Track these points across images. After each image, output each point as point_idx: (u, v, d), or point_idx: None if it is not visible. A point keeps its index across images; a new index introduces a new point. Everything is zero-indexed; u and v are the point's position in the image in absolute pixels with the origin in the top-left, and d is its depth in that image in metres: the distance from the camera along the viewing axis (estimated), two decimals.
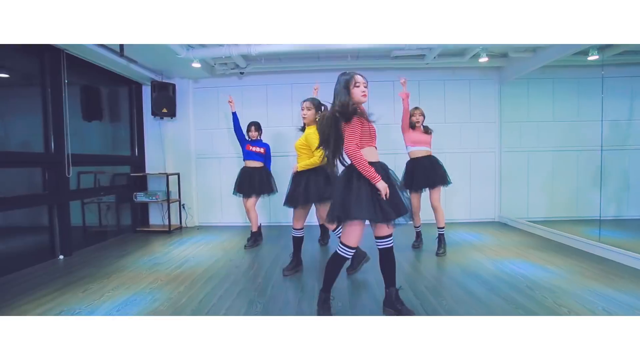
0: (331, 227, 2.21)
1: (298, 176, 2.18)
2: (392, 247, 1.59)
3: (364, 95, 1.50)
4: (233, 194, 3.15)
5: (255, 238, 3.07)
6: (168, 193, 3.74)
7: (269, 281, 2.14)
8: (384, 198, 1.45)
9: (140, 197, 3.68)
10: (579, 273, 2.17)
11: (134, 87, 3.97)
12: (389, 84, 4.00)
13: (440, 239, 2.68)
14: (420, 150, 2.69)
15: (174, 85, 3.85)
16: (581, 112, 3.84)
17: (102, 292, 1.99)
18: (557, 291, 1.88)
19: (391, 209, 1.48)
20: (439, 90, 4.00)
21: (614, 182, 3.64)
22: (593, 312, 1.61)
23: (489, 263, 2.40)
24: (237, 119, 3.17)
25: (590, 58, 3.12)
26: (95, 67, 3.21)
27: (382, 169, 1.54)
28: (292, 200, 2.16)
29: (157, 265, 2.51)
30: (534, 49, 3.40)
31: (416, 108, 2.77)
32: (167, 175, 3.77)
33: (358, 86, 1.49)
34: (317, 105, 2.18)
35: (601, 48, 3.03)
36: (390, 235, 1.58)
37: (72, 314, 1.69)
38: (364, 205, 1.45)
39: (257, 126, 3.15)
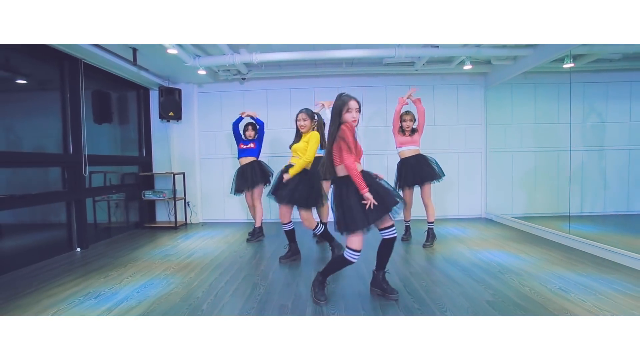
0: (311, 226, 2.40)
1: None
2: (395, 237, 1.74)
3: (354, 121, 1.67)
4: (232, 193, 3.30)
5: (256, 233, 3.24)
6: (174, 191, 3.99)
7: (270, 268, 2.39)
8: (370, 207, 1.62)
9: (148, 195, 3.92)
10: (547, 260, 2.43)
11: (142, 92, 4.21)
12: (381, 89, 4.26)
13: (429, 232, 2.92)
14: (409, 150, 2.91)
15: (179, 90, 4.10)
16: (561, 115, 4.11)
17: (121, 278, 2.24)
18: (523, 275, 2.14)
19: (383, 206, 1.65)
20: (428, 95, 4.26)
21: (592, 181, 3.91)
22: (551, 291, 1.87)
23: (469, 253, 2.66)
24: (240, 120, 3.41)
25: (565, 66, 3.39)
26: (107, 73, 3.44)
27: (367, 175, 1.73)
28: (278, 196, 2.39)
29: (168, 257, 2.76)
30: (514, 57, 3.67)
31: (407, 113, 2.93)
32: (174, 175, 4.02)
33: (349, 112, 1.68)
34: (311, 115, 2.48)
35: (575, 57, 3.30)
36: (392, 226, 1.72)
37: (98, 296, 1.94)
38: (357, 218, 1.62)
39: (253, 126, 3.34)
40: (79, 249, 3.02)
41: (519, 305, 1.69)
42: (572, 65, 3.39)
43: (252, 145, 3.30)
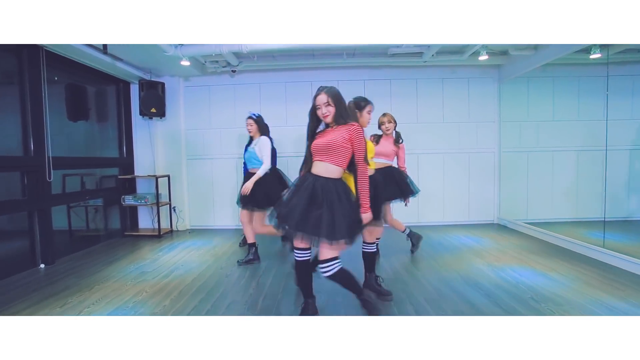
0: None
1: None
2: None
3: (325, 116, 1.55)
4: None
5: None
6: (157, 196, 3.60)
7: (261, 293, 2.03)
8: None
9: (128, 201, 3.54)
10: (582, 281, 2.09)
11: (122, 86, 3.81)
12: (385, 82, 3.88)
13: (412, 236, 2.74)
14: (380, 163, 2.45)
15: (163, 84, 3.69)
16: (582, 111, 3.76)
17: (81, 307, 1.86)
18: (561, 302, 1.79)
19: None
20: (437, 89, 3.89)
21: (618, 183, 3.58)
22: None
23: (489, 270, 2.31)
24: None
25: (593, 56, 3.02)
26: (81, 65, 3.05)
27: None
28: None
29: (144, 275, 2.39)
30: (535, 47, 3.30)
31: (384, 115, 2.55)
32: (157, 178, 3.63)
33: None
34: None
35: (603, 46, 2.93)
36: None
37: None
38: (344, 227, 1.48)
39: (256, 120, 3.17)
40: (42, 266, 2.64)
41: None
42: (599, 55, 3.04)
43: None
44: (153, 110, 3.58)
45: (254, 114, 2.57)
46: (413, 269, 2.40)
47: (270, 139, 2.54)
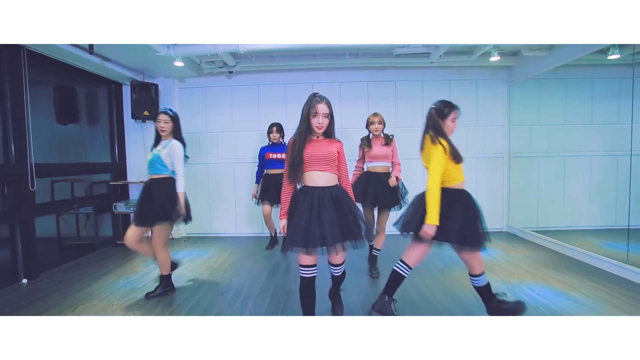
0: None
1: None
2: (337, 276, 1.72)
3: (319, 127, 1.54)
4: (257, 204, 3.08)
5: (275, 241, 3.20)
6: None
7: (257, 314, 1.86)
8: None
9: (120, 208, 3.37)
10: (607, 302, 1.92)
11: (114, 88, 3.63)
12: (390, 84, 3.71)
13: (374, 259, 2.46)
14: (380, 166, 2.38)
15: (156, 86, 3.52)
16: (596, 115, 3.59)
17: None
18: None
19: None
20: (443, 91, 3.72)
21: (635, 190, 3.41)
22: None
23: (504, 288, 2.14)
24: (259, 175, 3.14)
25: (611, 57, 2.85)
26: (69, 65, 2.87)
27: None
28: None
29: (133, 292, 2.22)
30: (550, 47, 3.13)
31: (375, 114, 2.42)
32: None
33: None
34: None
35: (622, 46, 2.76)
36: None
37: None
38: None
39: (279, 127, 3.06)
40: (25, 281, 2.47)
41: None
42: (618, 56, 2.87)
43: (283, 156, 2.81)
44: (146, 113, 3.40)
45: (170, 110, 2.11)
46: (421, 286, 2.22)
47: (184, 144, 2.12)
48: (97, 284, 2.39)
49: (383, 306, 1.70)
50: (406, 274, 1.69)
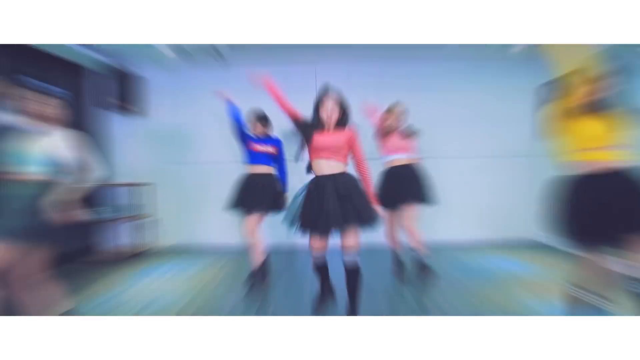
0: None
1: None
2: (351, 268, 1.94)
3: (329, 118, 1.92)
4: (229, 209, 2.57)
5: (257, 278, 2.48)
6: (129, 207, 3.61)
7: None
8: None
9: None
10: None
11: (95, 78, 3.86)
12: (407, 74, 3.93)
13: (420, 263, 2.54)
14: (399, 159, 2.56)
15: (141, 77, 3.76)
16: None
17: None
18: None
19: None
20: (470, 80, 3.88)
21: None
22: None
23: (544, 309, 2.23)
24: (236, 109, 2.64)
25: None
26: (41, 52, 3.07)
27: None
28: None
29: (114, 307, 2.33)
30: None
31: (395, 104, 2.61)
32: (129, 186, 3.64)
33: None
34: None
35: None
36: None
37: None
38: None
39: (263, 118, 2.64)
40: None
41: None
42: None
43: (272, 149, 2.57)
44: (129, 106, 3.63)
45: (62, 91, 1.87)
46: (444, 304, 2.28)
47: None
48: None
49: None
50: None
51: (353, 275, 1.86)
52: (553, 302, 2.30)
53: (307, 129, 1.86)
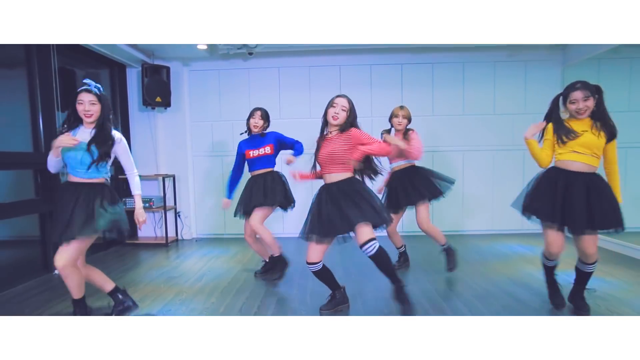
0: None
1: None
2: (373, 254, 2.33)
3: (334, 117, 2.40)
4: (236, 216, 3.27)
5: (271, 265, 3.23)
6: (165, 199, 4.46)
7: (306, 286, 2.85)
8: None
9: (129, 204, 4.39)
10: (638, 284, 2.88)
11: (117, 70, 4.69)
12: (426, 67, 4.72)
13: (448, 252, 3.23)
14: (403, 164, 3.18)
15: (168, 69, 4.57)
16: None
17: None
18: (610, 300, 2.59)
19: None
20: (487, 74, 4.72)
21: None
22: None
23: (540, 274, 3.08)
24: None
25: None
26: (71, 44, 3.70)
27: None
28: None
29: (173, 280, 3.23)
30: None
31: (401, 107, 3.17)
32: (163, 178, 4.49)
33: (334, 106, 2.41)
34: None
35: None
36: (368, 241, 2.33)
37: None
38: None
39: (263, 113, 3.23)
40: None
41: None
42: None
43: (267, 150, 3.15)
44: (158, 99, 4.45)
45: (97, 86, 2.27)
46: (458, 272, 3.22)
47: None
48: (130, 274, 3.42)
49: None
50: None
51: (377, 259, 2.31)
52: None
53: (318, 140, 2.50)
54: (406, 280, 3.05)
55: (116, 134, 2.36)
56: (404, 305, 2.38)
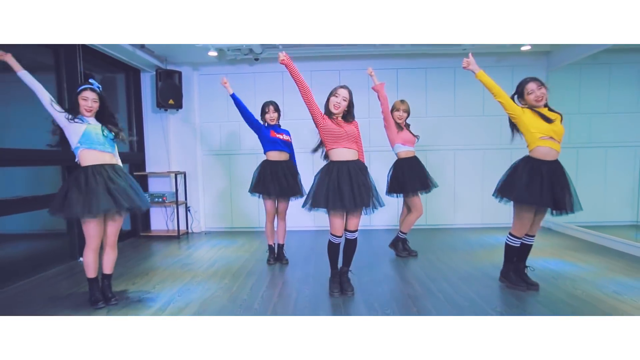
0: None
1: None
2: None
3: (335, 106, 2.66)
4: (251, 192, 3.61)
5: (278, 255, 3.65)
6: (177, 194, 4.79)
7: (308, 271, 3.17)
8: None
9: None
10: (607, 268, 3.21)
11: (132, 75, 5.02)
12: (420, 71, 5.05)
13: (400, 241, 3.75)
14: (410, 151, 3.63)
15: (180, 73, 4.90)
16: None
17: (151, 284, 3.02)
18: (578, 280, 2.92)
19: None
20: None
21: None
22: (604, 294, 2.63)
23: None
24: (241, 102, 3.67)
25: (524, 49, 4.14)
26: (89, 49, 4.02)
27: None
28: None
29: (188, 266, 3.55)
30: None
31: (402, 101, 3.62)
32: (176, 175, 4.82)
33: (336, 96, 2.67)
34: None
35: None
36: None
37: (141, 300, 2.72)
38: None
39: (275, 106, 3.63)
40: (81, 259, 3.80)
41: (569, 305, 2.47)
42: (528, 47, 4.14)
43: (288, 138, 3.59)
44: (171, 101, 4.78)
45: (98, 86, 2.71)
46: (445, 258, 3.55)
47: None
48: (148, 261, 3.74)
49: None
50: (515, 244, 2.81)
51: (354, 243, 2.78)
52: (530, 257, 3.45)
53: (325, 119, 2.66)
54: (402, 266, 3.41)
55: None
56: (345, 286, 2.77)
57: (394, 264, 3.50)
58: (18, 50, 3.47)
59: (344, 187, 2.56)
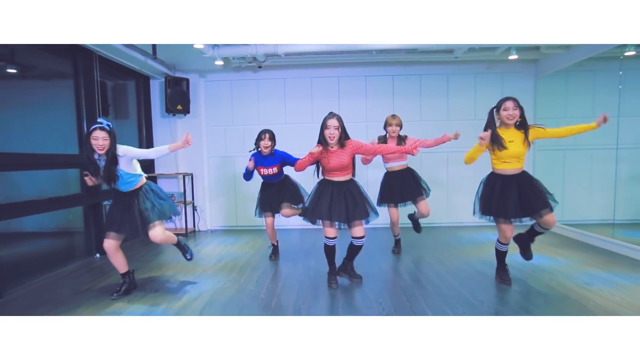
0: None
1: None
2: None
3: (331, 138, 2.86)
4: (257, 216, 3.88)
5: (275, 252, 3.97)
6: (185, 194, 5.08)
7: (309, 265, 3.46)
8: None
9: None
10: (583, 262, 3.50)
11: (142, 82, 5.31)
12: (415, 78, 5.34)
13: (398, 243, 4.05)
14: (398, 166, 3.80)
15: (187, 80, 5.19)
16: (623, 108, 5.16)
17: (167, 277, 3.31)
18: (554, 273, 3.21)
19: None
20: (469, 85, 5.35)
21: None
22: (576, 285, 2.92)
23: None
24: (248, 174, 3.71)
25: (628, 54, 4.43)
26: (102, 58, 4.29)
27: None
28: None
29: (197, 261, 3.84)
30: (567, 46, 4.73)
31: (393, 116, 3.72)
32: (184, 176, 5.11)
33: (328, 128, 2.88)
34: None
35: None
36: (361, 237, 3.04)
37: (157, 290, 3.01)
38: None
39: (271, 135, 3.61)
40: (98, 255, 4.10)
41: (542, 294, 2.75)
42: (633, 53, 4.43)
43: (274, 170, 3.66)
44: (179, 107, 5.07)
45: (108, 124, 2.77)
46: (437, 253, 3.85)
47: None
48: (160, 257, 4.03)
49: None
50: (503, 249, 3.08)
51: (358, 249, 3.06)
52: (513, 253, 3.73)
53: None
54: (396, 261, 3.71)
55: (119, 149, 2.80)
56: (353, 274, 3.16)
57: (388, 259, 3.80)
58: (40, 60, 3.80)
59: (334, 203, 2.90)
